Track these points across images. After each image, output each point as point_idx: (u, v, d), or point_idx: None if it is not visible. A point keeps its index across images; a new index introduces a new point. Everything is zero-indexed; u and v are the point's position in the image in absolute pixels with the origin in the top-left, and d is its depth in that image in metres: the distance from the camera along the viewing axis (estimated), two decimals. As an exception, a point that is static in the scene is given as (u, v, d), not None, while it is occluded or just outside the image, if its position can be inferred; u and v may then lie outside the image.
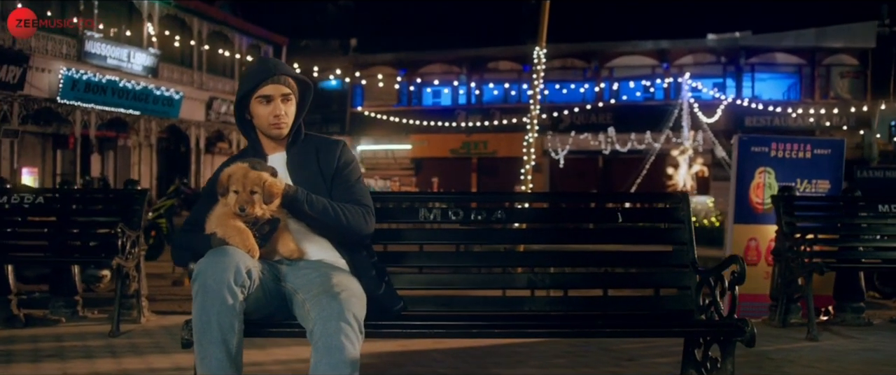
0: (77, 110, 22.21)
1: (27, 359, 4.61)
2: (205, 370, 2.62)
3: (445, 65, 35.60)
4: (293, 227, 3.04)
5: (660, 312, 3.42)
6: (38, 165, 24.09)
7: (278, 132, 3.16)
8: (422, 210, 3.50)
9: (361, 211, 3.08)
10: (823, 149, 6.97)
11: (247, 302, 2.72)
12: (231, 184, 2.87)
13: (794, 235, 5.91)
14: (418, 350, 4.90)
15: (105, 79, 22.72)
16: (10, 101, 20.27)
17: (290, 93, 3.18)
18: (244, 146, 3.37)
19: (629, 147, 30.53)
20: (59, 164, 25.18)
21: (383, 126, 34.43)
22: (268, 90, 3.12)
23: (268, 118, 3.14)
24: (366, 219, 3.08)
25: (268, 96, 3.13)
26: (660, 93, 32.52)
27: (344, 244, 3.08)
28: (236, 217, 2.85)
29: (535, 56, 11.85)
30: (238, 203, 2.84)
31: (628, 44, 33.19)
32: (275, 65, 3.19)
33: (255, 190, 2.86)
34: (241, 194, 2.85)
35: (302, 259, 3.02)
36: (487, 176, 34.03)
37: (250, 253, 2.79)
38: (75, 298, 6.10)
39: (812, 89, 32.21)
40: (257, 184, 2.86)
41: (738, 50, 32.38)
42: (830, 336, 5.69)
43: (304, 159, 3.18)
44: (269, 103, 3.14)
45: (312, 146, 3.22)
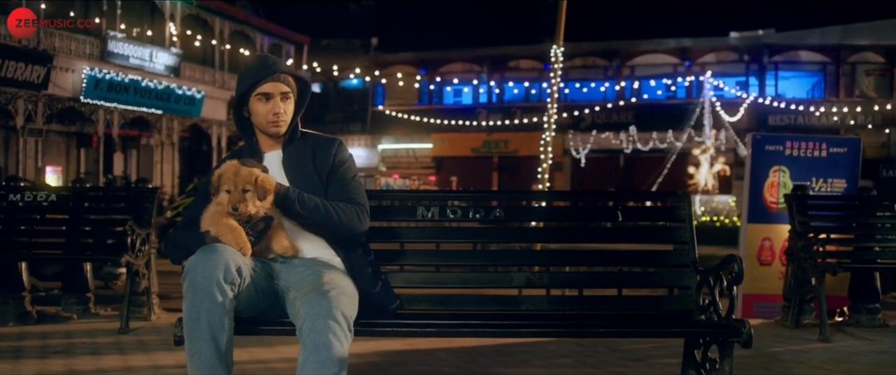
0: (100, 109, 22.44)
1: (35, 356, 4.65)
2: (194, 369, 2.62)
3: (466, 64, 35.58)
4: (288, 225, 3.04)
5: (659, 312, 3.38)
6: (62, 164, 24.38)
7: (277, 130, 3.16)
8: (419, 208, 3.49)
9: (355, 209, 3.07)
10: (839, 147, 6.87)
11: (238, 300, 2.73)
12: (222, 183, 2.88)
13: (807, 235, 5.83)
14: (423, 350, 4.89)
15: (128, 78, 22.94)
16: (35, 101, 20.52)
17: (289, 92, 3.18)
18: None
19: (651, 146, 30.34)
20: (83, 163, 25.47)
21: (404, 125, 34.48)
22: (267, 88, 3.13)
23: (267, 116, 3.14)
24: (359, 217, 3.07)
25: (267, 94, 3.13)
26: (682, 91, 32.30)
27: (338, 242, 3.08)
28: (229, 216, 2.85)
29: (553, 54, 11.80)
30: (231, 202, 2.84)
31: (650, 42, 32.98)
32: (274, 64, 3.19)
33: (248, 188, 2.86)
34: (233, 193, 2.85)
35: (296, 257, 3.02)
36: (508, 175, 33.97)
37: (242, 251, 2.79)
38: (87, 295, 6.16)
39: (837, 87, 31.83)
40: (249, 181, 2.86)
41: (761, 48, 32.07)
42: (843, 338, 5.61)
43: (300, 157, 3.18)
44: (268, 101, 3.14)
45: (308, 144, 3.22)
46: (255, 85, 3.13)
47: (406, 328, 3.07)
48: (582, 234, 3.70)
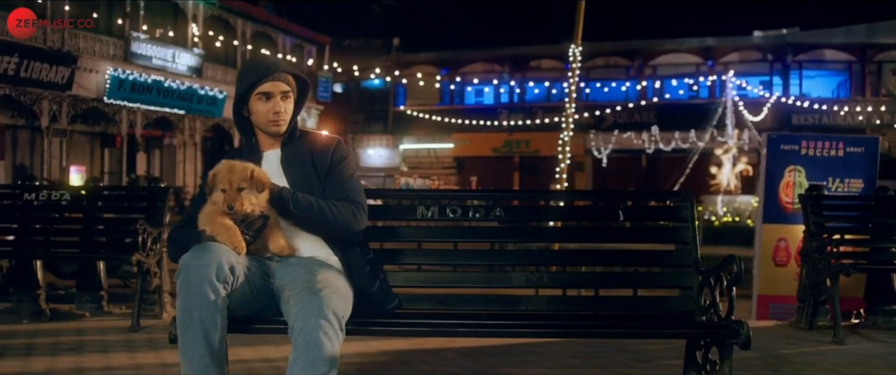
0: (123, 110, 22.65)
1: (46, 353, 4.70)
2: (186, 368, 2.64)
3: (487, 63, 35.56)
4: (284, 224, 3.05)
5: (660, 313, 3.34)
6: (86, 164, 24.62)
7: (277, 129, 3.18)
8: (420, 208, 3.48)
9: (351, 208, 3.07)
10: (856, 147, 6.77)
11: (232, 299, 2.73)
12: (217, 182, 2.89)
13: (822, 235, 5.75)
14: (429, 349, 4.88)
15: (150, 79, 23.14)
16: (60, 102, 20.76)
17: (289, 91, 3.19)
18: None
19: (673, 146, 30.15)
20: (107, 163, 25.72)
21: (426, 125, 34.50)
22: (268, 87, 3.14)
23: (267, 115, 3.16)
24: (356, 216, 3.06)
25: (268, 93, 3.14)
26: (704, 91, 32.06)
27: (336, 241, 3.08)
28: (225, 215, 2.86)
29: (571, 54, 11.77)
30: (226, 201, 2.85)
31: (672, 41, 32.77)
32: (275, 63, 3.21)
33: (243, 185, 2.87)
34: (228, 192, 2.86)
35: (293, 255, 3.02)
36: (530, 175, 33.88)
37: (237, 250, 2.79)
38: (101, 293, 6.22)
39: (862, 86, 31.42)
40: (244, 177, 2.87)
41: (785, 47, 31.75)
42: (858, 340, 5.53)
43: (298, 156, 3.19)
44: (268, 100, 3.15)
45: (307, 143, 3.23)
46: (255, 84, 3.14)
47: (400, 327, 3.06)
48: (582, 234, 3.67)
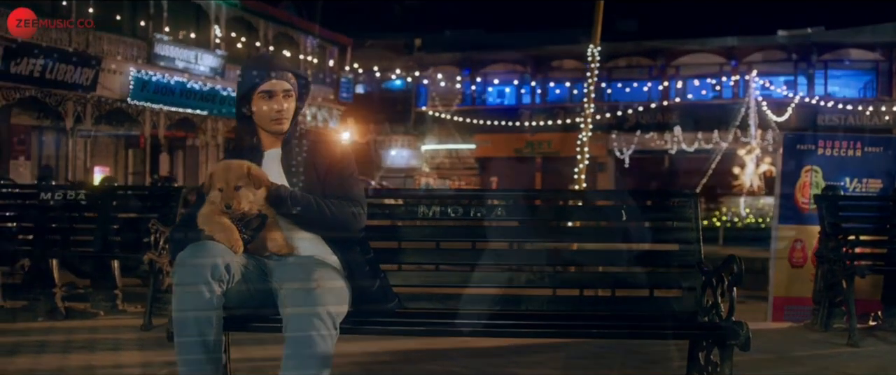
0: (146, 111, 22.85)
1: (57, 350, 4.76)
2: (182, 365, 2.65)
3: (509, 64, 35.47)
4: (283, 223, 3.05)
5: (663, 313, 3.31)
6: (110, 165, 24.89)
7: (279, 127, 3.19)
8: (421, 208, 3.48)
9: (351, 206, 3.07)
10: (875, 146, 6.68)
11: (228, 297, 2.74)
12: (214, 181, 2.91)
13: (837, 236, 5.67)
14: (436, 349, 4.87)
15: (173, 80, 23.32)
16: (84, 103, 20.97)
17: (291, 89, 3.20)
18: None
19: (696, 146, 29.89)
20: (130, 164, 25.97)
21: (447, 126, 34.46)
22: (269, 86, 3.15)
23: (269, 114, 3.17)
24: (355, 215, 3.06)
25: (270, 92, 3.16)
26: (727, 91, 31.77)
27: (335, 240, 3.08)
28: (223, 214, 2.87)
29: (589, 54, 11.72)
30: (223, 200, 2.87)
31: (695, 41, 32.46)
32: (276, 62, 3.23)
33: (240, 184, 2.88)
34: (225, 190, 2.88)
35: (291, 254, 3.03)
36: (552, 175, 33.75)
37: (233, 249, 2.81)
38: (115, 292, 6.28)
39: (889, 86, 30.96)
40: (241, 175, 2.88)
41: (809, 46, 31.35)
42: (874, 342, 5.45)
43: (299, 154, 3.19)
44: (271, 99, 3.16)
45: (308, 141, 3.23)
46: (257, 83, 3.16)
47: (398, 327, 3.06)
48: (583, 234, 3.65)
